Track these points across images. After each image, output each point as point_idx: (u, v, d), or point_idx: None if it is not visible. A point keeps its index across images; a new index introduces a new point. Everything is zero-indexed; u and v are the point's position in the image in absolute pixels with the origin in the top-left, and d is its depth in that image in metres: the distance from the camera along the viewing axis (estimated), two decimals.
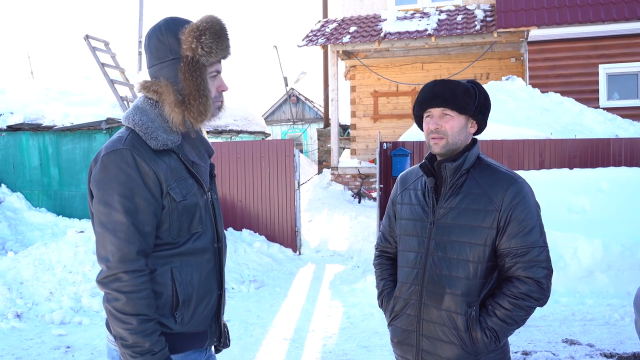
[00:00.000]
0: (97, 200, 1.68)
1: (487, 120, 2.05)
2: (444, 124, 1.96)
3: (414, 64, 14.12)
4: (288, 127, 25.58)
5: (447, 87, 1.96)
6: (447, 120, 1.96)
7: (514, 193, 1.90)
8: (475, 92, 1.98)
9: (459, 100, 1.94)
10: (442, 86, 1.97)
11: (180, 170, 1.77)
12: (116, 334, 1.67)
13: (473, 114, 1.98)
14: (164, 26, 1.77)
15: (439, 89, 1.96)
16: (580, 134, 8.70)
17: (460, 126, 1.97)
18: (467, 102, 1.95)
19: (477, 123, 2.02)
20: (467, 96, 1.95)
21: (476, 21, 11.89)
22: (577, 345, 4.74)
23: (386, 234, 2.24)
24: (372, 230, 9.62)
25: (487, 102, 2.02)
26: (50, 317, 5.62)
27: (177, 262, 1.75)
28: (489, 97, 2.03)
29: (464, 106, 1.95)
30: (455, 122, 1.96)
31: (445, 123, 1.96)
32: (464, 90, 1.95)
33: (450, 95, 1.94)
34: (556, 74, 11.18)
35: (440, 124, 1.96)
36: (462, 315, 1.90)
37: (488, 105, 2.03)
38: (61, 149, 10.14)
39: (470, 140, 2.04)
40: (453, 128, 1.96)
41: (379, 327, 5.33)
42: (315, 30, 13.36)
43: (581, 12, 10.91)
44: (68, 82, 11.84)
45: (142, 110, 1.78)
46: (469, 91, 1.96)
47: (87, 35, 9.65)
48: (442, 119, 1.96)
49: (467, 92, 1.95)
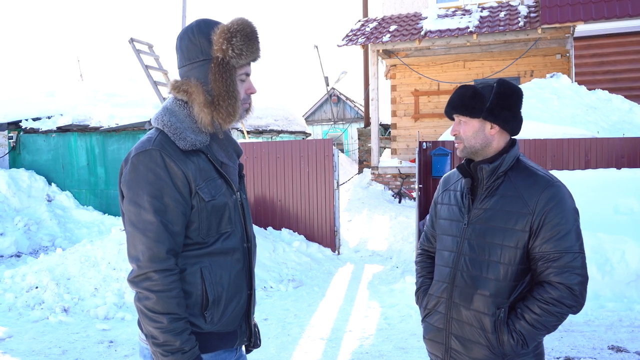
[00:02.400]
0: (127, 200, 1.72)
1: (513, 121, 1.98)
2: (460, 130, 2.03)
3: (456, 62, 13.90)
4: (329, 126, 25.61)
5: (457, 93, 2.01)
6: (462, 125, 2.02)
7: (548, 196, 1.86)
8: (488, 93, 1.95)
9: (466, 105, 1.98)
10: (454, 93, 2.03)
11: (209, 171, 1.79)
12: (147, 332, 1.70)
13: (485, 116, 1.96)
14: (196, 27, 1.79)
15: (452, 96, 2.03)
16: (629, 133, 8.38)
17: (473, 130, 1.99)
18: (475, 105, 1.97)
19: (499, 124, 1.96)
20: (475, 100, 1.97)
21: (519, 17, 11.61)
22: (625, 353, 4.56)
23: (428, 233, 2.29)
24: (411, 230, 9.52)
25: (507, 102, 1.96)
26: (95, 312, 5.80)
27: (207, 261, 1.77)
28: (512, 96, 1.97)
29: (472, 110, 1.97)
30: (468, 127, 2.00)
31: (460, 129, 2.02)
32: (471, 95, 1.98)
33: (458, 101, 2.00)
34: (604, 70, 10.79)
35: (457, 130, 2.03)
36: (490, 317, 1.90)
37: (509, 105, 1.96)
38: (107, 149, 10.47)
39: (508, 141, 2.01)
40: (467, 132, 2.01)
41: (416, 328, 5.27)
42: (355, 30, 13.33)
43: (631, 5, 10.49)
44: (114, 85, 12.20)
45: (171, 111, 1.80)
46: (477, 94, 1.97)
47: (132, 39, 9.91)
48: (459, 125, 2.03)
49: (475, 96, 1.97)
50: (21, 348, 4.99)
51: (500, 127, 1.97)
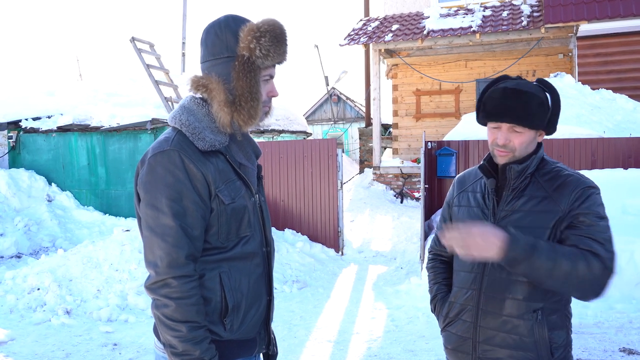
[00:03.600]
0: (144, 203, 1.65)
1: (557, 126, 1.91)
2: (513, 140, 1.84)
3: (458, 61, 13.84)
4: (329, 126, 25.55)
5: (520, 100, 1.79)
6: (517, 136, 1.83)
7: (580, 194, 1.80)
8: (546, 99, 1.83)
9: (532, 116, 1.80)
10: (514, 99, 1.80)
11: (228, 172, 1.72)
12: (165, 341, 1.63)
13: (545, 127, 1.86)
14: (224, 22, 1.72)
15: (511, 102, 1.80)
16: (635, 133, 8.33)
17: (529, 140, 1.85)
18: (542, 117, 1.82)
19: (551, 132, 1.89)
20: (542, 111, 1.81)
21: (522, 17, 11.55)
22: (637, 355, 4.51)
23: (440, 237, 2.17)
24: (415, 231, 9.46)
25: (560, 108, 1.88)
26: (98, 314, 5.73)
27: (226, 267, 1.70)
28: (560, 100, 1.89)
29: (538, 123, 1.82)
30: (525, 138, 1.84)
31: (514, 139, 1.84)
32: (538, 105, 1.80)
33: (523, 111, 1.79)
34: (608, 70, 10.75)
35: (509, 139, 1.84)
36: (526, 321, 1.82)
37: (560, 111, 1.89)
38: (108, 149, 10.39)
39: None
40: (522, 144, 1.84)
41: (424, 330, 5.21)
42: (357, 29, 13.26)
43: (635, 4, 10.45)
44: (115, 84, 12.12)
45: (189, 110, 1.73)
46: (543, 104, 1.81)
47: (133, 38, 9.84)
48: (511, 133, 1.84)
49: (541, 106, 1.81)
50: (24, 351, 4.92)
51: (547, 133, 1.90)
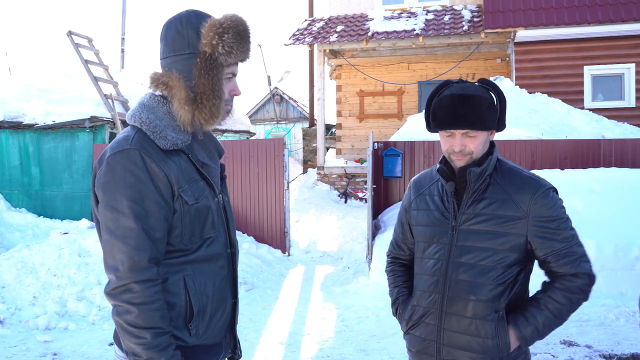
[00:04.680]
0: (103, 205, 1.56)
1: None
2: (469, 145, 1.86)
3: (400, 63, 14.09)
4: (272, 126, 25.41)
5: (469, 106, 1.81)
6: (472, 140, 1.86)
7: (540, 198, 1.85)
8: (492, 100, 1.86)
9: (484, 119, 1.83)
10: (463, 105, 1.81)
11: (191, 172, 1.67)
12: (128, 349, 1.55)
13: (497, 127, 1.90)
14: (185, 17, 1.66)
15: (461, 109, 1.81)
16: (570, 135, 8.74)
17: (484, 141, 1.89)
18: (492, 118, 1.85)
19: (501, 129, 1.93)
20: (492, 112, 1.84)
21: (463, 21, 11.89)
22: (576, 347, 4.72)
23: (399, 240, 2.17)
24: (360, 230, 9.54)
25: (506, 105, 1.91)
26: (35, 323, 5.42)
27: (190, 269, 1.65)
28: (505, 97, 1.93)
29: (490, 124, 1.85)
30: (480, 140, 1.87)
31: (470, 143, 1.86)
32: (487, 106, 1.83)
33: (474, 116, 1.81)
34: (542, 75, 11.24)
35: (465, 144, 1.86)
36: (489, 322, 1.85)
37: (506, 108, 1.92)
38: (42, 148, 9.87)
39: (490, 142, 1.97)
40: (478, 146, 1.87)
41: (375, 330, 5.25)
42: (302, 29, 13.26)
43: (567, 13, 10.98)
44: (49, 80, 11.54)
45: (149, 108, 1.67)
46: (492, 105, 1.84)
47: (70, 32, 9.42)
48: (465, 139, 1.86)
49: (491, 107, 1.84)
50: None
51: (497, 131, 1.93)
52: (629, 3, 10.79)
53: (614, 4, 10.87)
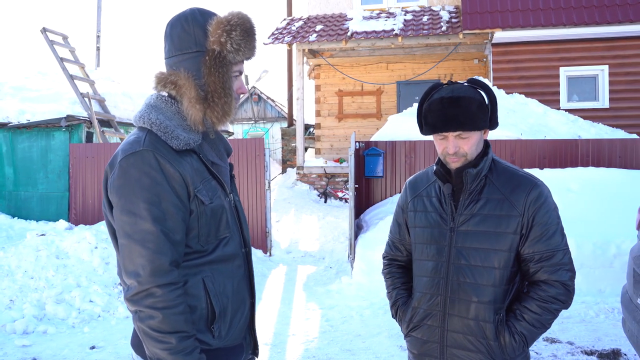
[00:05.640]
0: (119, 209, 1.53)
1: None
2: (463, 146, 1.86)
3: (379, 63, 14.14)
4: (250, 125, 25.28)
5: (460, 107, 1.81)
6: (465, 142, 1.86)
7: (535, 197, 1.87)
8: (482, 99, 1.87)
9: (476, 120, 1.83)
10: (454, 107, 1.81)
11: (203, 172, 1.65)
12: (152, 355, 1.52)
13: (489, 126, 1.91)
14: (190, 15, 1.63)
15: (452, 111, 1.81)
16: (547, 135, 8.87)
17: (478, 141, 1.89)
18: (484, 117, 1.85)
19: (493, 128, 1.95)
20: (483, 111, 1.85)
21: (442, 22, 11.99)
22: (558, 344, 4.79)
23: (396, 241, 2.16)
24: (341, 230, 9.55)
25: (496, 103, 1.92)
26: (12, 327, 5.28)
27: (208, 271, 1.63)
28: (495, 95, 1.94)
29: (482, 124, 1.86)
30: (474, 140, 1.87)
31: (463, 145, 1.86)
32: (478, 106, 1.83)
33: (465, 117, 1.81)
34: (519, 76, 11.39)
35: (459, 146, 1.86)
36: (491, 323, 1.86)
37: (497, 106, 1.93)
38: (16, 147, 9.64)
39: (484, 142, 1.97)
40: (472, 147, 1.88)
41: (360, 329, 5.25)
42: (281, 28, 13.21)
43: (544, 15, 11.15)
44: (22, 78, 11.29)
45: (157, 108, 1.64)
46: (483, 105, 1.85)
47: (44, 28, 9.22)
48: (459, 140, 1.86)
49: (482, 107, 1.84)
50: None
51: (489, 129, 1.94)
52: (603, 6, 11.01)
53: (588, 7, 11.09)
